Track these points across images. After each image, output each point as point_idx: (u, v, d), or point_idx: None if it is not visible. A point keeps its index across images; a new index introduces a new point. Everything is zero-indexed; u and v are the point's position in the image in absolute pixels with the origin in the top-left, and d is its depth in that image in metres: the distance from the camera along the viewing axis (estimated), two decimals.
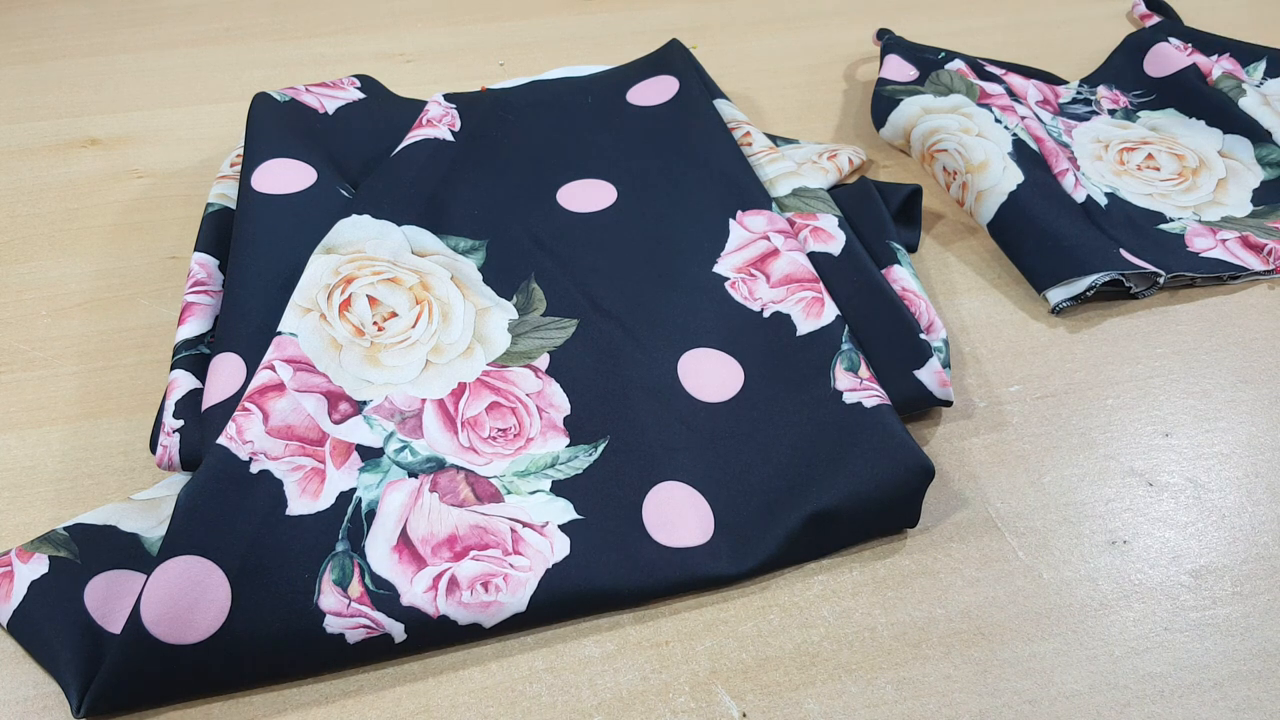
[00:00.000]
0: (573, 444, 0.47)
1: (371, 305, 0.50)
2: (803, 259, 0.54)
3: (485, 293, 0.54)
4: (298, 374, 0.46)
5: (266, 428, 0.44)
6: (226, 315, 0.50)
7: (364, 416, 0.46)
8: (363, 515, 0.43)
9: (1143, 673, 0.41)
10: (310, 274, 0.50)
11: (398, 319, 0.51)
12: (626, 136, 0.65)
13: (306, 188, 0.56)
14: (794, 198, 0.59)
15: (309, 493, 0.43)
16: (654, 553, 0.43)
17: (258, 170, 0.56)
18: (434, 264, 0.54)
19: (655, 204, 0.59)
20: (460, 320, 0.52)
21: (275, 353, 0.46)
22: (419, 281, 0.53)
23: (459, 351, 0.50)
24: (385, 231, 0.54)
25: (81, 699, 0.38)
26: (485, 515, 0.44)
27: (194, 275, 0.54)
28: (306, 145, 0.60)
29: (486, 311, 0.52)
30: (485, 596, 0.41)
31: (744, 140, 0.64)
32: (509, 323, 0.52)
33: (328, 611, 0.40)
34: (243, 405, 0.44)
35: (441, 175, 0.60)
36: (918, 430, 0.50)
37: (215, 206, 0.58)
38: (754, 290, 0.53)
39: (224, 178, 0.61)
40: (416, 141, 0.61)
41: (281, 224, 0.54)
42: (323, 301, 0.49)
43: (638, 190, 0.61)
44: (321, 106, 0.65)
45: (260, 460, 0.43)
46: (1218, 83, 0.70)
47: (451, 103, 0.66)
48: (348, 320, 0.49)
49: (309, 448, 0.44)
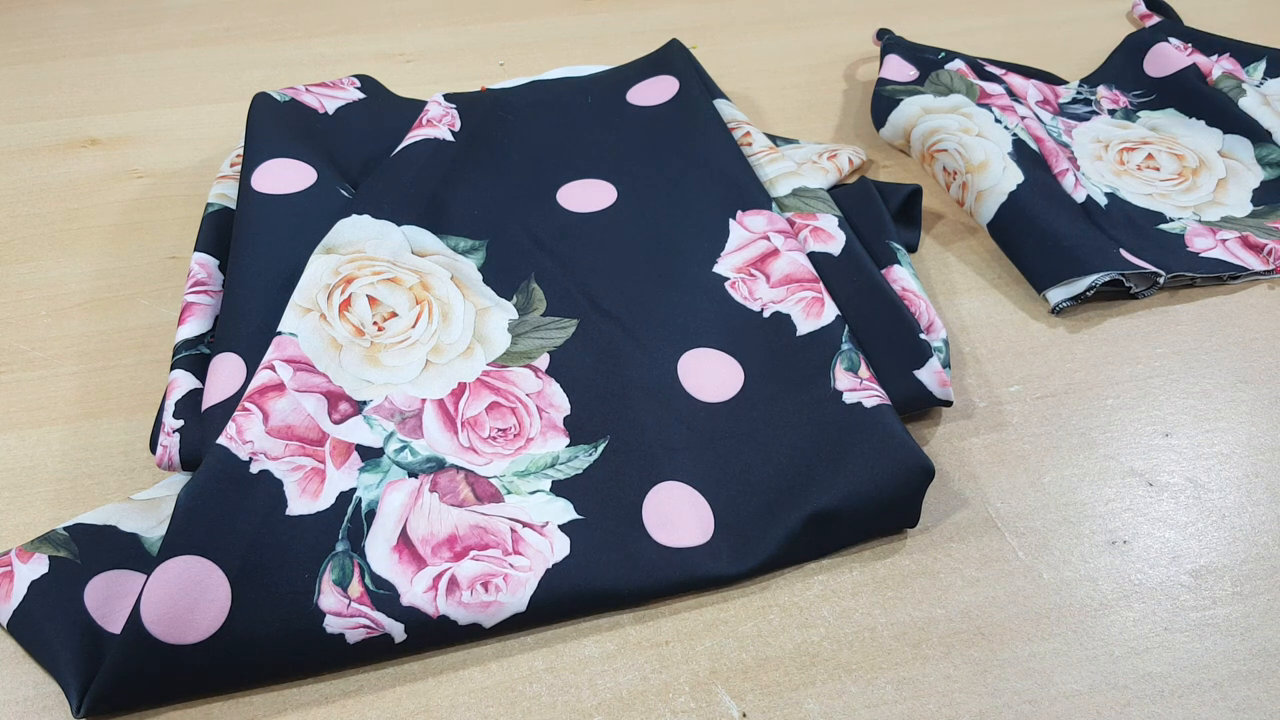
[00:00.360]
0: (573, 444, 0.47)
1: (371, 305, 0.50)
2: (803, 259, 0.54)
3: (485, 293, 0.54)
4: (298, 374, 0.46)
5: (266, 428, 0.44)
6: (226, 315, 0.50)
7: (364, 416, 0.46)
8: (363, 515, 0.43)
9: (1143, 673, 0.41)
10: (310, 274, 0.50)
11: (398, 319, 0.50)
12: (626, 136, 0.65)
13: (306, 188, 0.56)
14: (794, 198, 0.59)
15: (309, 493, 0.43)
16: (654, 553, 0.43)
17: (258, 170, 0.56)
18: (434, 264, 0.54)
19: (655, 204, 0.59)
20: (460, 320, 0.51)
21: (275, 353, 0.46)
22: (419, 281, 0.52)
23: (459, 351, 0.50)
24: (385, 231, 0.54)
25: (81, 699, 0.38)
26: (485, 515, 0.44)
27: (194, 275, 0.54)
28: (306, 145, 0.60)
29: (486, 311, 0.52)
30: (485, 596, 0.41)
31: (744, 140, 0.64)
32: (509, 323, 0.52)
33: (328, 611, 0.40)
34: (243, 405, 0.44)
35: (441, 175, 0.60)
36: (918, 430, 0.50)
37: (215, 206, 0.58)
38: (754, 290, 0.53)
39: (224, 178, 0.61)
40: (416, 141, 0.61)
41: (281, 224, 0.54)
42: (323, 301, 0.49)
43: (638, 190, 0.61)
44: (321, 106, 0.65)
45: (260, 460, 0.43)
46: (1218, 83, 0.70)
47: (451, 103, 0.66)
48: (348, 320, 0.49)
49: (309, 448, 0.44)
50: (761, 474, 0.46)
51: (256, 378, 0.45)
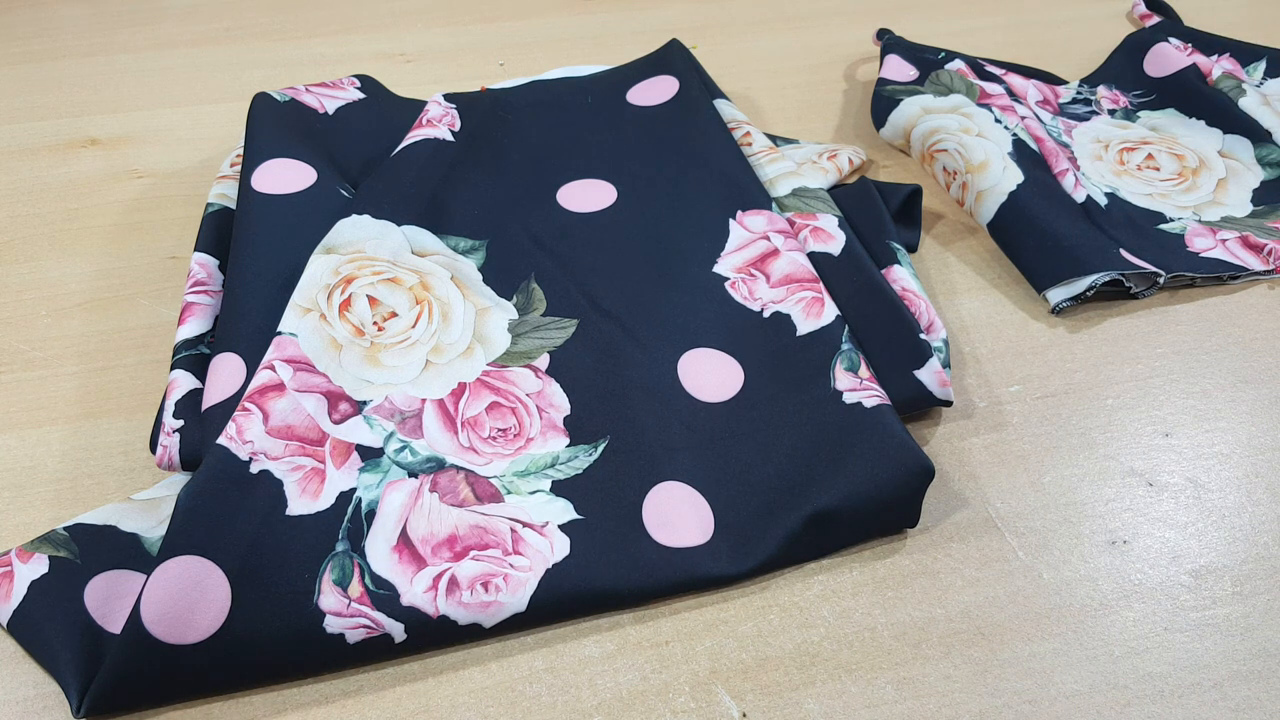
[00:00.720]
0: (573, 444, 0.47)
1: (371, 305, 0.50)
2: (803, 259, 0.54)
3: (485, 293, 0.54)
4: (298, 374, 0.46)
5: (266, 428, 0.44)
6: (226, 315, 0.50)
7: (364, 416, 0.46)
8: (362, 515, 0.43)
9: (1143, 673, 0.41)
10: (310, 274, 0.50)
11: (398, 319, 0.50)
12: (627, 136, 0.65)
13: (306, 188, 0.56)
14: (794, 198, 0.59)
15: (309, 493, 0.43)
16: (654, 553, 0.43)
17: (258, 170, 0.56)
18: (434, 264, 0.54)
19: (655, 204, 0.59)
20: (460, 320, 0.51)
21: (275, 353, 0.46)
22: (419, 281, 0.52)
23: (459, 351, 0.50)
24: (385, 231, 0.54)
25: (81, 699, 0.38)
26: (485, 515, 0.44)
27: (194, 275, 0.54)
28: (306, 145, 0.60)
29: (486, 311, 0.52)
30: (485, 596, 0.41)
31: (744, 140, 0.64)
32: (509, 323, 0.52)
33: (328, 611, 0.40)
34: (243, 405, 0.44)
35: (441, 175, 0.60)
36: (917, 430, 0.50)
37: (215, 206, 0.58)
38: (754, 290, 0.53)
39: (224, 178, 0.61)
40: (416, 141, 0.61)
41: (281, 224, 0.54)
42: (322, 301, 0.49)
43: (637, 190, 0.61)
44: (321, 106, 0.65)
45: (260, 460, 0.42)
46: (1218, 83, 0.70)
47: (451, 103, 0.66)
48: (348, 320, 0.49)
49: (309, 448, 0.44)
50: (761, 474, 0.46)
51: (256, 377, 0.45)
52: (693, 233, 0.57)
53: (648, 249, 0.57)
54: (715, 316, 0.53)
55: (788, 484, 0.45)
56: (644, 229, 0.58)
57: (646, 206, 0.59)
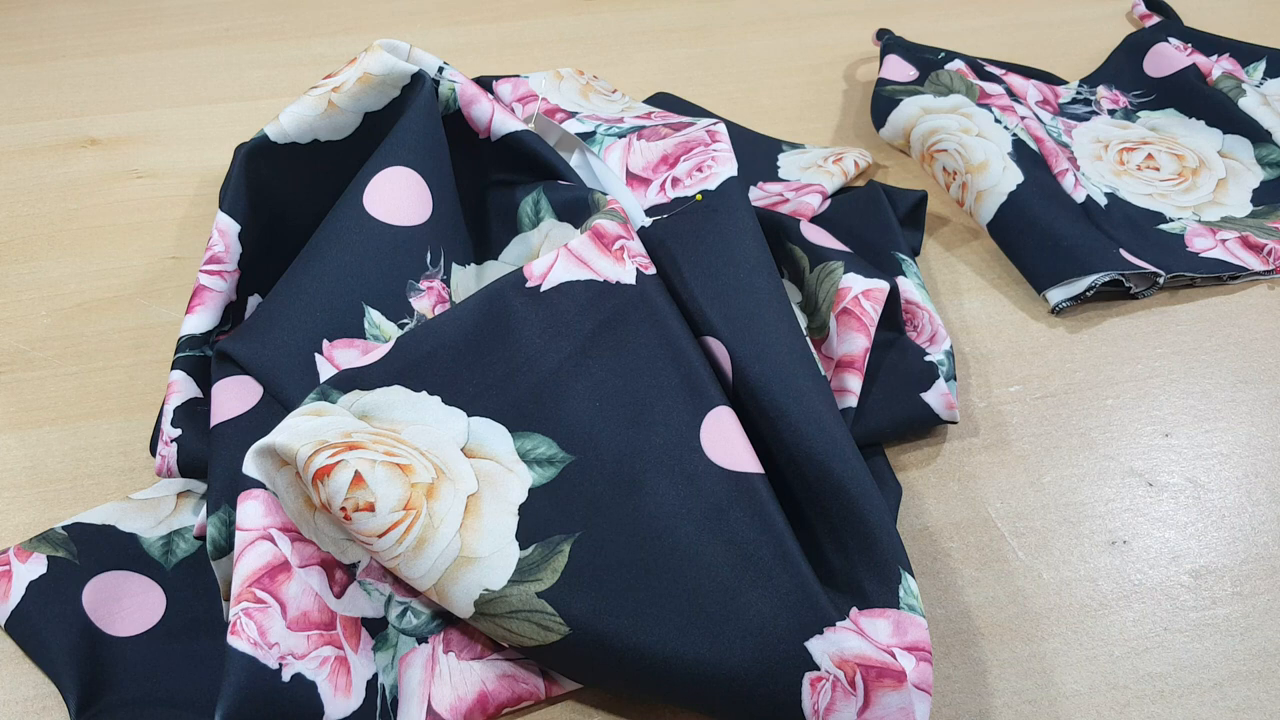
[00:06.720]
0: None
1: (353, 485, 0.38)
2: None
3: (499, 530, 0.40)
4: (295, 545, 0.40)
5: (286, 621, 0.38)
6: (264, 320, 0.45)
7: (359, 582, 0.42)
8: (388, 703, 0.40)
9: (1143, 673, 0.41)
10: (317, 423, 0.40)
11: (370, 517, 0.38)
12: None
13: (418, 224, 0.48)
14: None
15: (340, 689, 0.39)
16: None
17: (374, 181, 0.49)
18: (471, 467, 0.41)
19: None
20: (433, 557, 0.39)
21: (267, 518, 0.39)
22: (429, 483, 0.40)
23: (419, 585, 0.39)
24: (446, 420, 0.42)
25: (80, 704, 0.38)
26: (512, 661, 0.40)
27: (212, 247, 0.48)
28: (442, 167, 0.51)
29: (472, 563, 0.39)
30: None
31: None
32: (482, 593, 0.38)
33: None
34: (257, 596, 0.38)
35: (581, 343, 0.44)
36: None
37: (270, 138, 0.49)
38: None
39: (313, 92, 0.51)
40: (572, 282, 0.44)
41: (374, 251, 0.47)
42: (304, 455, 0.38)
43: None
44: (487, 129, 0.53)
45: (290, 663, 0.38)
46: (1218, 83, 0.70)
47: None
48: (319, 488, 0.39)
49: (326, 634, 0.40)
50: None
51: (257, 551, 0.38)
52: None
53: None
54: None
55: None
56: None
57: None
